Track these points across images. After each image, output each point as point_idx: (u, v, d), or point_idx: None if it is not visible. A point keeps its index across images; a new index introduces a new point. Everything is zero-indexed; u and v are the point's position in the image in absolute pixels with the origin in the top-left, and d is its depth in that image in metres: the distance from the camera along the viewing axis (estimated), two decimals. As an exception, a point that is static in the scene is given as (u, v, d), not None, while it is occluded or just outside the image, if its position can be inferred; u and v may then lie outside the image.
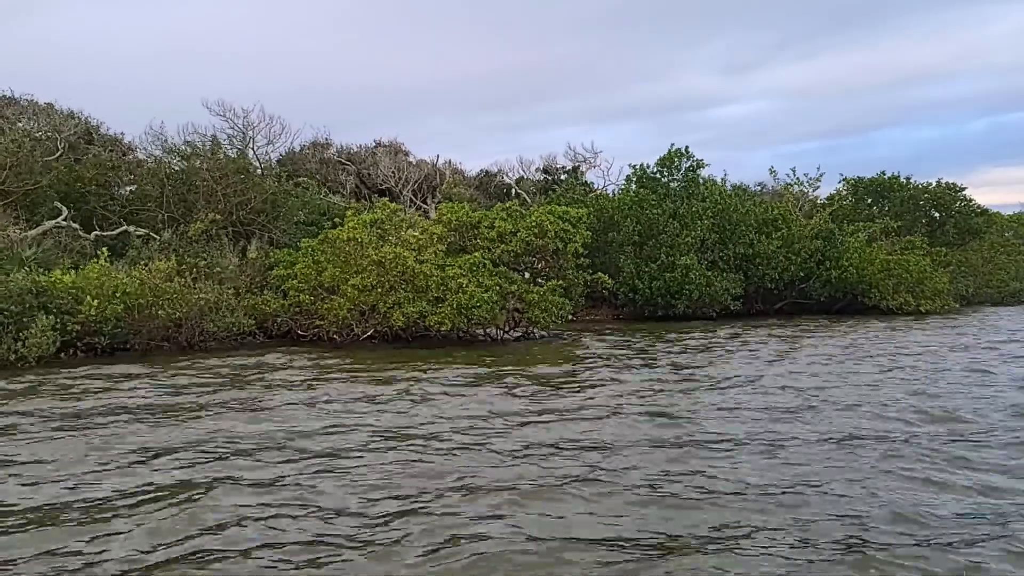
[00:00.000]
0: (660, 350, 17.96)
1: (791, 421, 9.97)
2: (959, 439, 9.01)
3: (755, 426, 9.67)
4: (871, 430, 9.43)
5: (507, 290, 18.86)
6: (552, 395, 11.92)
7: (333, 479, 7.44)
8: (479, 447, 8.72)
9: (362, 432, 9.44)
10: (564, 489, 7.09)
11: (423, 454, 8.40)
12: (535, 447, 8.67)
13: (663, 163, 30.70)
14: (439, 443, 8.89)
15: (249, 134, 36.58)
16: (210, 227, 23.11)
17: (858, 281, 29.08)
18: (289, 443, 8.87)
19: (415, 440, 9.01)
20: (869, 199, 39.34)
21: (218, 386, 12.84)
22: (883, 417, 10.18)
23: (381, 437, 9.19)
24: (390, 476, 7.58)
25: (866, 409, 10.68)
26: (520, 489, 7.06)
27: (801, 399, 11.46)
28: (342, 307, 17.97)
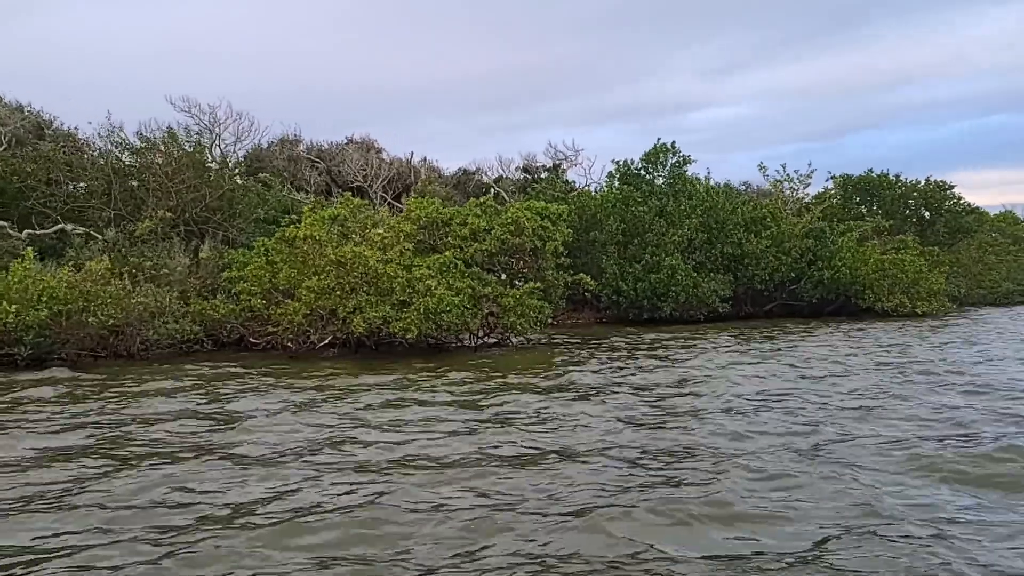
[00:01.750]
0: (647, 358, 16.40)
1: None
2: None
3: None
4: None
5: (480, 293, 17.22)
6: (519, 430, 9.32)
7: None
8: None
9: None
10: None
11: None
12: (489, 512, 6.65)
13: (648, 159, 29.19)
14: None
15: (216, 131, 35.12)
16: (159, 225, 21.29)
17: (851, 282, 27.73)
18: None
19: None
20: (858, 198, 38.11)
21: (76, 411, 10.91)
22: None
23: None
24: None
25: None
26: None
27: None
28: (297, 312, 16.26)
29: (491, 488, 6.86)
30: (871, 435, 8.82)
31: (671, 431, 9.16)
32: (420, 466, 7.64)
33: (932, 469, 7.24)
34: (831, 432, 8.98)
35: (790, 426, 9.37)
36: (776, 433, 8.96)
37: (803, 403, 10.88)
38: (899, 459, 7.69)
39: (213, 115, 34.51)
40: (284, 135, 38.60)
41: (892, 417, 9.83)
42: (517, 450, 8.29)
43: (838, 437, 8.73)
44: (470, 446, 8.47)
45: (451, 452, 8.19)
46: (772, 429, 9.18)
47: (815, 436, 8.78)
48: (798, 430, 9.13)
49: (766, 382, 12.83)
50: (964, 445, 8.26)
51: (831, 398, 11.22)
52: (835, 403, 10.83)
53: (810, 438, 8.69)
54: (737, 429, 9.12)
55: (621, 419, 9.86)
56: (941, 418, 9.72)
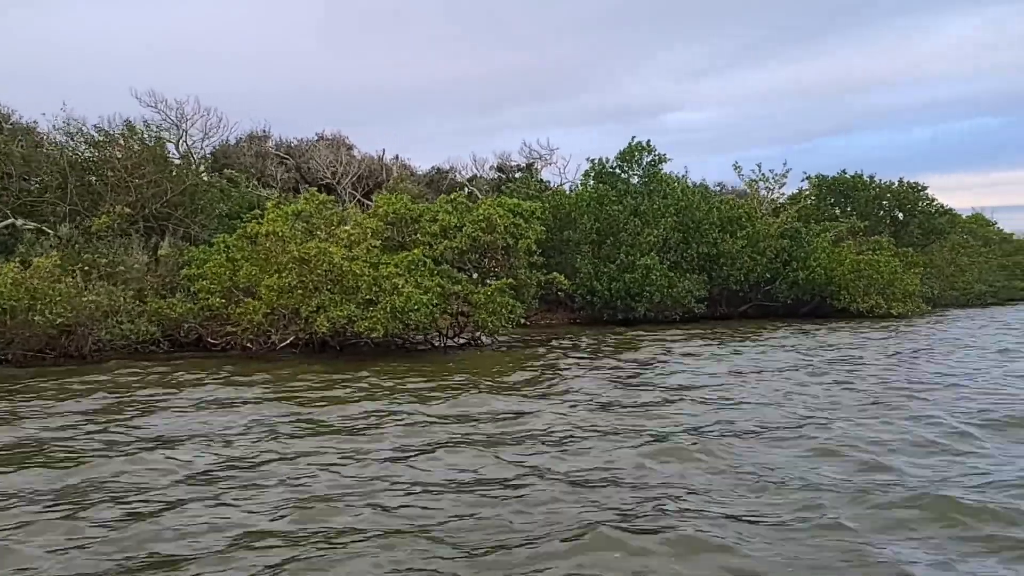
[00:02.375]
0: (621, 359, 15.93)
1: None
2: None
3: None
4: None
5: (450, 291, 16.63)
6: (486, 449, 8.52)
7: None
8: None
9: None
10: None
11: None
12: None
13: (623, 157, 28.73)
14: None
15: (182, 127, 34.22)
16: (117, 221, 20.44)
17: (826, 283, 27.45)
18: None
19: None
20: (832, 199, 37.97)
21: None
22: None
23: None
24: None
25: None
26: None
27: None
28: (257, 311, 15.56)
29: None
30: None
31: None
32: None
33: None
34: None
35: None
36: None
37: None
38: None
39: (180, 111, 33.89)
40: (253, 131, 37.87)
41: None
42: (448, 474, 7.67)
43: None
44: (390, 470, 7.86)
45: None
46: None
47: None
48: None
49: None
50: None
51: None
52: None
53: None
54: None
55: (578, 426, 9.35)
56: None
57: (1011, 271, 40.25)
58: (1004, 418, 9.83)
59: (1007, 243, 44.05)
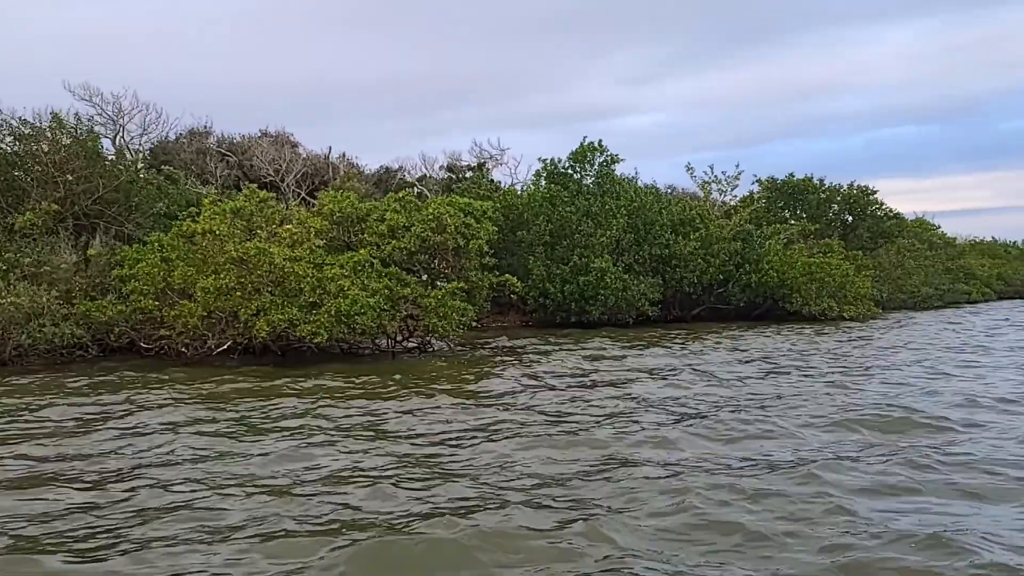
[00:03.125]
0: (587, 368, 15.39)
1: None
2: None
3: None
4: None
5: (399, 294, 15.91)
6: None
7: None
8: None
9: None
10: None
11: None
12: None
13: (575, 158, 28.29)
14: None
15: (119, 121, 32.84)
16: (43, 219, 19.24)
17: (779, 285, 27.41)
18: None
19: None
20: (782, 202, 38.18)
21: None
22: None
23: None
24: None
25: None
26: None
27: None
28: (192, 314, 14.66)
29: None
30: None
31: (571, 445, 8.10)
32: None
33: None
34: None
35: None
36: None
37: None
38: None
39: (117, 105, 32.51)
40: (194, 127, 36.56)
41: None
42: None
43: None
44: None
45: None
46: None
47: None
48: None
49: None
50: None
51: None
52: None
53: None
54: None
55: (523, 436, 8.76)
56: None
57: (955, 275, 41.01)
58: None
59: (951, 247, 44.96)
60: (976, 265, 46.06)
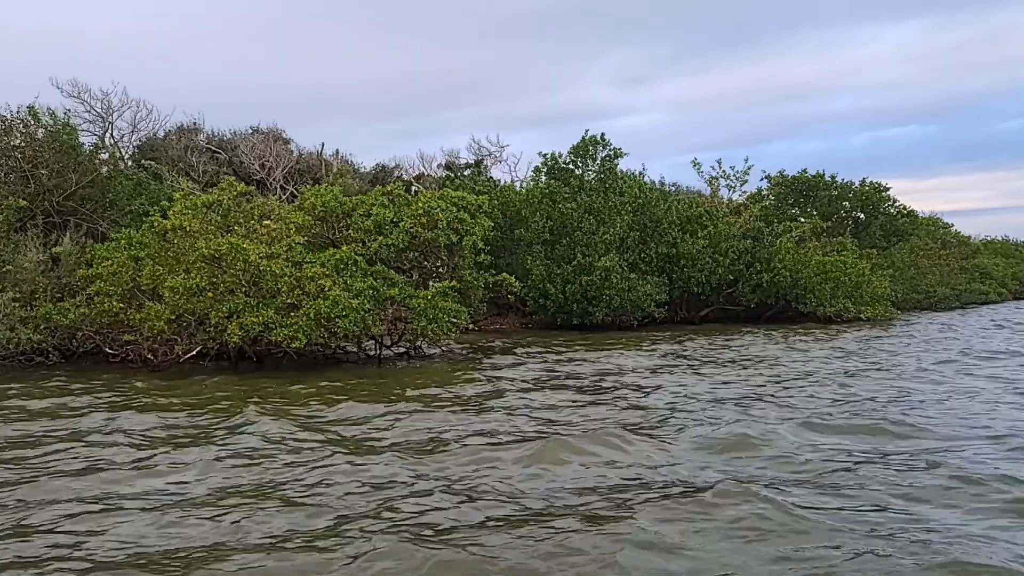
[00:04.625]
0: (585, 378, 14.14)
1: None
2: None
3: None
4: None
5: (385, 295, 14.68)
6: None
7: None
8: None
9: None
10: None
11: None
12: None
13: (576, 152, 27.05)
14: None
15: (109, 118, 31.77)
16: (11, 215, 18.06)
17: (791, 286, 26.11)
18: None
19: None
20: (792, 199, 36.87)
21: None
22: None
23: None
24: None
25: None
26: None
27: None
28: (160, 316, 13.44)
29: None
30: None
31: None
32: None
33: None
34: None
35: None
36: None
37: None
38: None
39: (106, 101, 31.44)
40: (183, 124, 35.41)
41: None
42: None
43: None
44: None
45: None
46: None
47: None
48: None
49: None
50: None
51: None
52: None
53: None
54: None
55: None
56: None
57: (971, 274, 39.68)
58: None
59: (965, 246, 43.60)
60: (991, 264, 44.68)
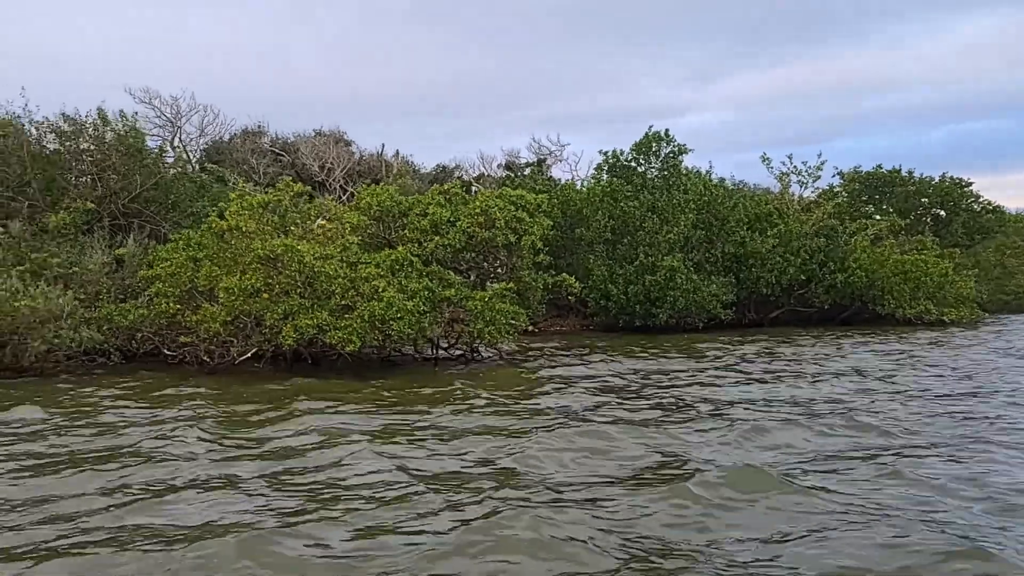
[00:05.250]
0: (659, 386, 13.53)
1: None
2: None
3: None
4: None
5: (441, 296, 14.34)
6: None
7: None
8: None
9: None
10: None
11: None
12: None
13: (639, 149, 26.31)
14: None
15: (177, 123, 32.51)
16: (79, 218, 18.35)
17: (868, 286, 24.93)
18: None
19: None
20: (865, 196, 35.44)
21: None
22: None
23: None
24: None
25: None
26: None
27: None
28: (215, 318, 13.35)
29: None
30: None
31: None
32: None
33: None
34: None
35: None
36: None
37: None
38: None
39: (175, 107, 32.17)
40: (247, 127, 35.95)
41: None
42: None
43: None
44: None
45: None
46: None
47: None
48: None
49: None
50: None
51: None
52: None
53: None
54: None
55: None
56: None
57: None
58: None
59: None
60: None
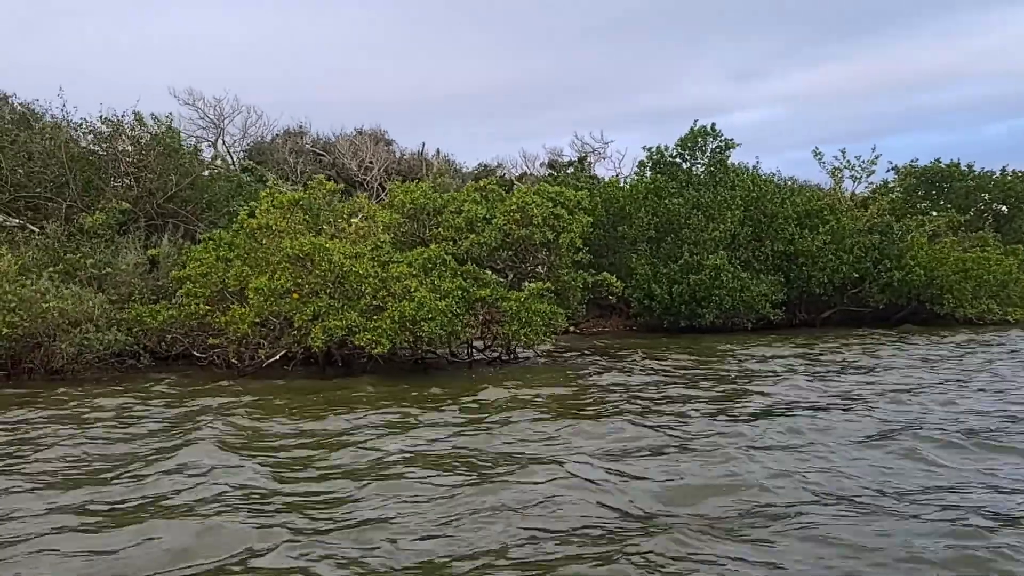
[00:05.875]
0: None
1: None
2: None
3: None
4: None
5: (475, 296, 13.79)
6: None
7: None
8: None
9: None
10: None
11: None
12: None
13: (684, 144, 25.46)
14: None
15: (220, 125, 32.66)
16: (113, 219, 18.23)
17: (926, 285, 23.75)
18: None
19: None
20: (922, 191, 33.98)
21: None
22: None
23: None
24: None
25: None
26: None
27: None
28: (244, 319, 12.99)
29: None
30: None
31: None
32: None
33: None
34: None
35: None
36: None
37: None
38: None
39: (219, 108, 32.32)
40: (289, 128, 35.95)
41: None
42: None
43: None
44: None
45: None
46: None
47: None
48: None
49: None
50: None
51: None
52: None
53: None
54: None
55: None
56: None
57: None
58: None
59: None
60: None
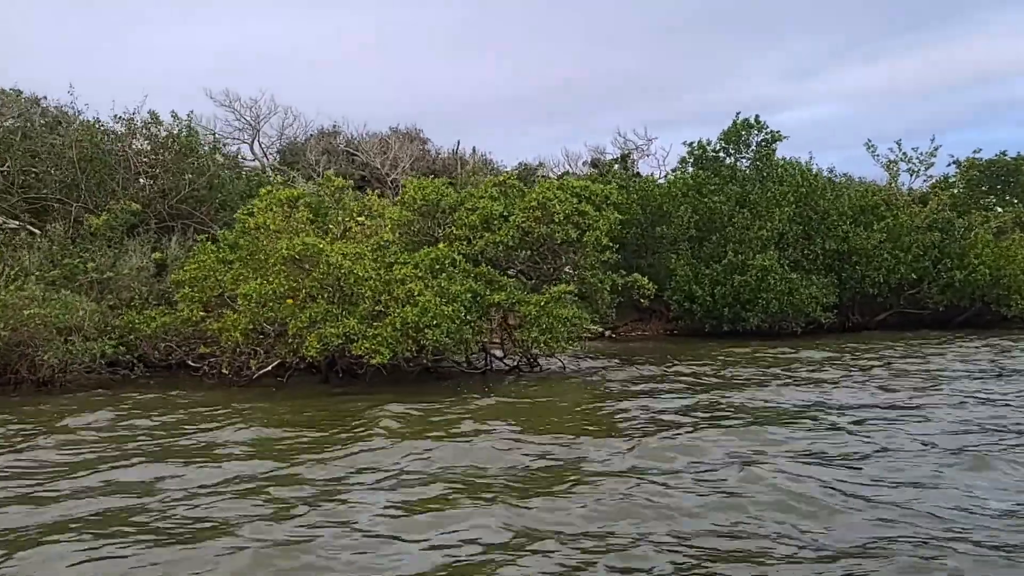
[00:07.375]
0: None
1: None
2: None
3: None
4: None
5: (489, 300, 12.56)
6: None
7: None
8: None
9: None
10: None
11: None
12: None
13: (728, 138, 23.94)
14: None
15: (256, 126, 32.24)
16: (121, 220, 17.46)
17: (992, 285, 21.86)
18: None
19: None
20: (985, 185, 31.76)
21: None
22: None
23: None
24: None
25: None
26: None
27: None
28: (236, 325, 11.97)
29: None
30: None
31: None
32: None
33: None
34: None
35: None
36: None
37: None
38: None
39: (255, 109, 31.88)
40: (322, 128, 35.27)
41: None
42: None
43: None
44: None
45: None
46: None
47: None
48: None
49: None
50: None
51: None
52: None
53: None
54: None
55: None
56: None
57: None
58: None
59: None
60: None
